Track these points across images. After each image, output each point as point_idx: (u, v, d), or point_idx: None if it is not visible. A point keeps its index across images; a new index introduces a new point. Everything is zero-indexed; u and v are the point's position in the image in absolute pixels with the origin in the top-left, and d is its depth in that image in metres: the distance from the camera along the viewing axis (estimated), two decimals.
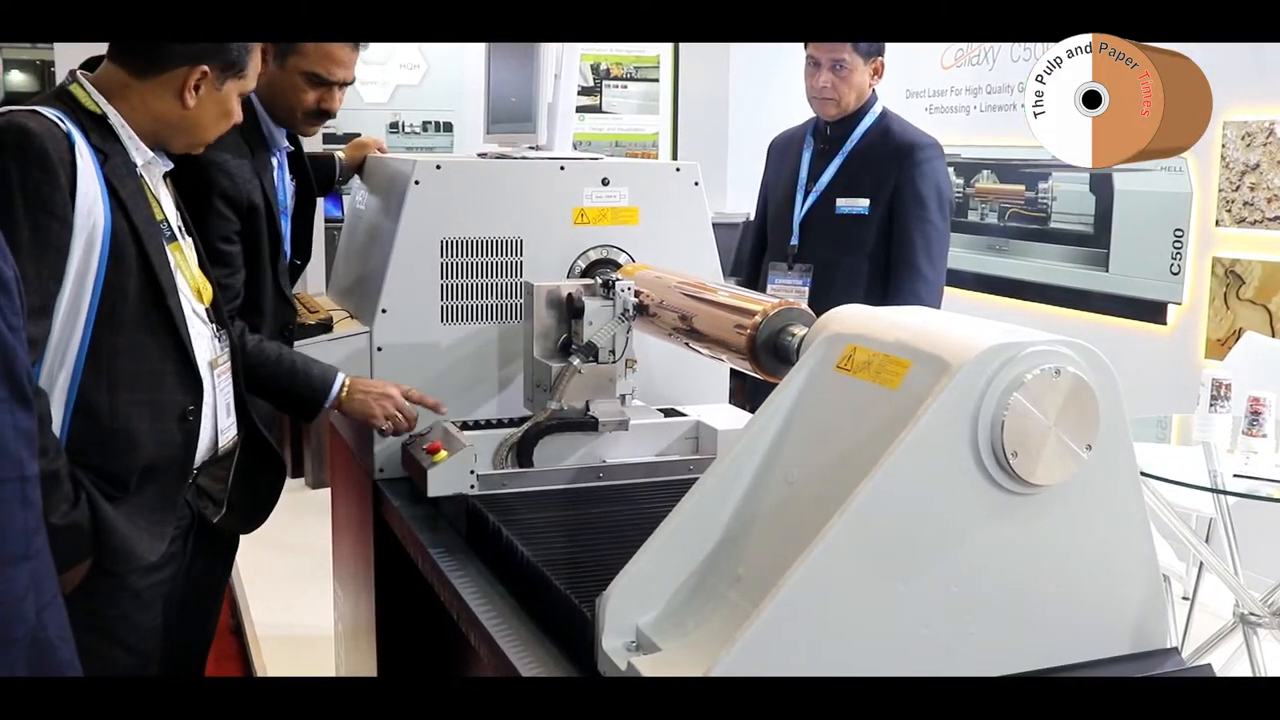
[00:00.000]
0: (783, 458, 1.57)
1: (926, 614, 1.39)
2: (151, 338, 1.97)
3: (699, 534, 1.57)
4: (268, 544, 2.91)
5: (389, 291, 2.56)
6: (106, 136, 1.95)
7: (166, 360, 2.00)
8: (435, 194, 2.57)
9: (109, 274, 1.89)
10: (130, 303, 1.92)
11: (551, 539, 2.01)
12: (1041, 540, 1.44)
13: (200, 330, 2.08)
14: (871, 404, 1.47)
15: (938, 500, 1.39)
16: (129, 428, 1.96)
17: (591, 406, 2.40)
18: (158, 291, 1.96)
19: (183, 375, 2.03)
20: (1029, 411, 1.39)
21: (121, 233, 1.90)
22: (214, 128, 2.06)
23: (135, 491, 1.98)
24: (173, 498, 2.06)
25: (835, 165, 3.49)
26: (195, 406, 2.05)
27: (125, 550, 1.97)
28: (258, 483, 2.32)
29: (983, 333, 1.44)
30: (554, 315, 2.43)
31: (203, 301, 2.11)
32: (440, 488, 2.27)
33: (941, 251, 3.44)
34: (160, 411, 2.00)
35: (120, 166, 1.94)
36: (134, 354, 1.95)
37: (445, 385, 2.59)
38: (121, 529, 1.95)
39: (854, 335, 1.57)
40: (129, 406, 1.95)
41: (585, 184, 2.68)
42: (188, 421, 2.04)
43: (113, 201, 1.89)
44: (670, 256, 2.66)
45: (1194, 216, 4.64)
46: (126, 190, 1.93)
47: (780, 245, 3.57)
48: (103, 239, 1.87)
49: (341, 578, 3.27)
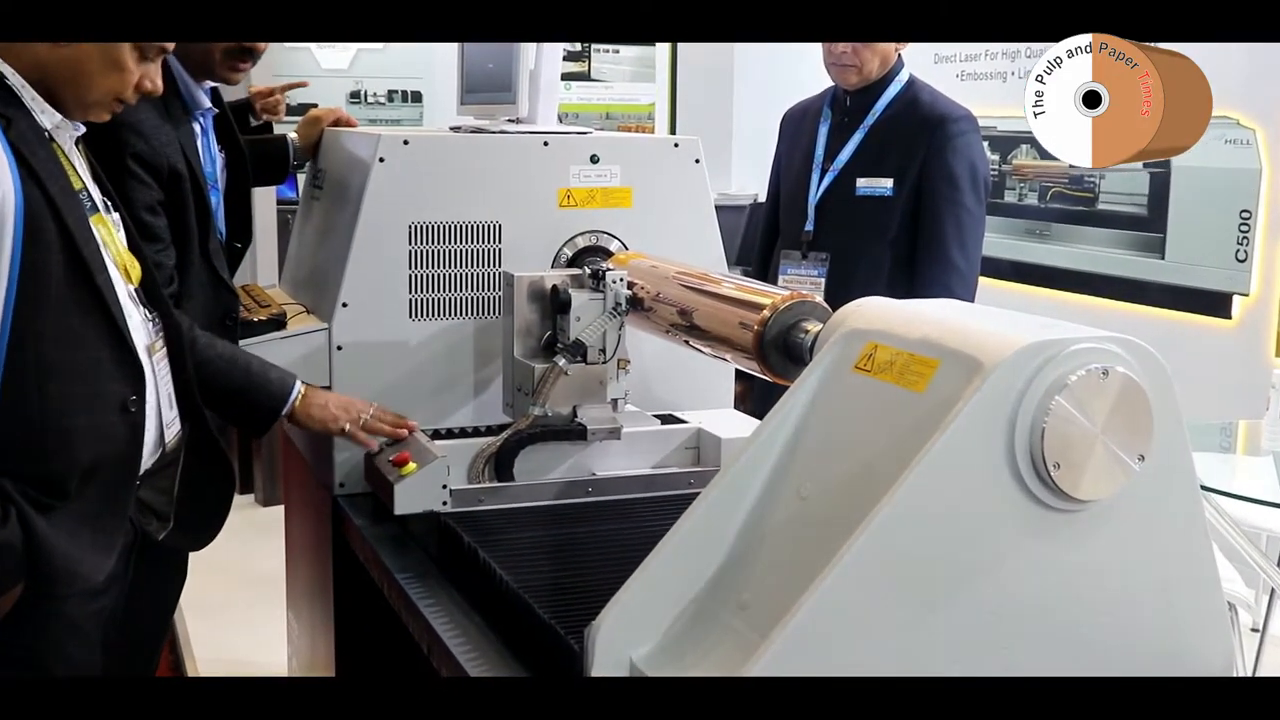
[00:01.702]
0: (794, 470, 1.57)
1: (956, 647, 1.40)
2: (81, 321, 1.95)
3: (700, 556, 1.57)
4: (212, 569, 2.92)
5: (350, 283, 2.56)
6: (7, 100, 1.92)
7: (101, 346, 1.97)
8: (402, 173, 2.57)
9: (26, 253, 1.86)
10: (54, 284, 1.90)
11: (534, 562, 2.01)
12: (1088, 564, 1.45)
13: (131, 312, 2.07)
14: (894, 409, 1.48)
15: (969, 518, 1.39)
16: (63, 424, 1.94)
17: (579, 413, 2.40)
18: (84, 269, 1.93)
19: (120, 362, 2.00)
20: (1073, 417, 1.39)
21: (37, 205, 1.87)
22: (101, 78, 1.98)
23: (76, 497, 1.94)
24: (120, 504, 2.02)
25: (855, 141, 3.49)
26: (138, 396, 2.03)
27: (66, 571, 1.93)
28: (205, 492, 2.30)
29: (1020, 328, 1.45)
30: (537, 310, 2.44)
31: (131, 281, 2.09)
32: (409, 504, 2.27)
33: (976, 238, 3.44)
34: (98, 404, 1.97)
35: (27, 132, 1.92)
36: (63, 341, 1.93)
37: (414, 389, 2.60)
38: (61, 545, 1.92)
39: (874, 331, 1.58)
40: (62, 400, 1.93)
41: (572, 162, 2.68)
42: (130, 413, 2.02)
43: (22, 171, 1.87)
44: (668, 243, 2.66)
45: (1263, 195, 4.64)
46: (38, 158, 1.90)
47: (793, 231, 3.58)
48: (15, 214, 1.84)
49: (296, 607, 3.27)
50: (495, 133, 2.71)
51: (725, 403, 2.85)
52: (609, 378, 2.40)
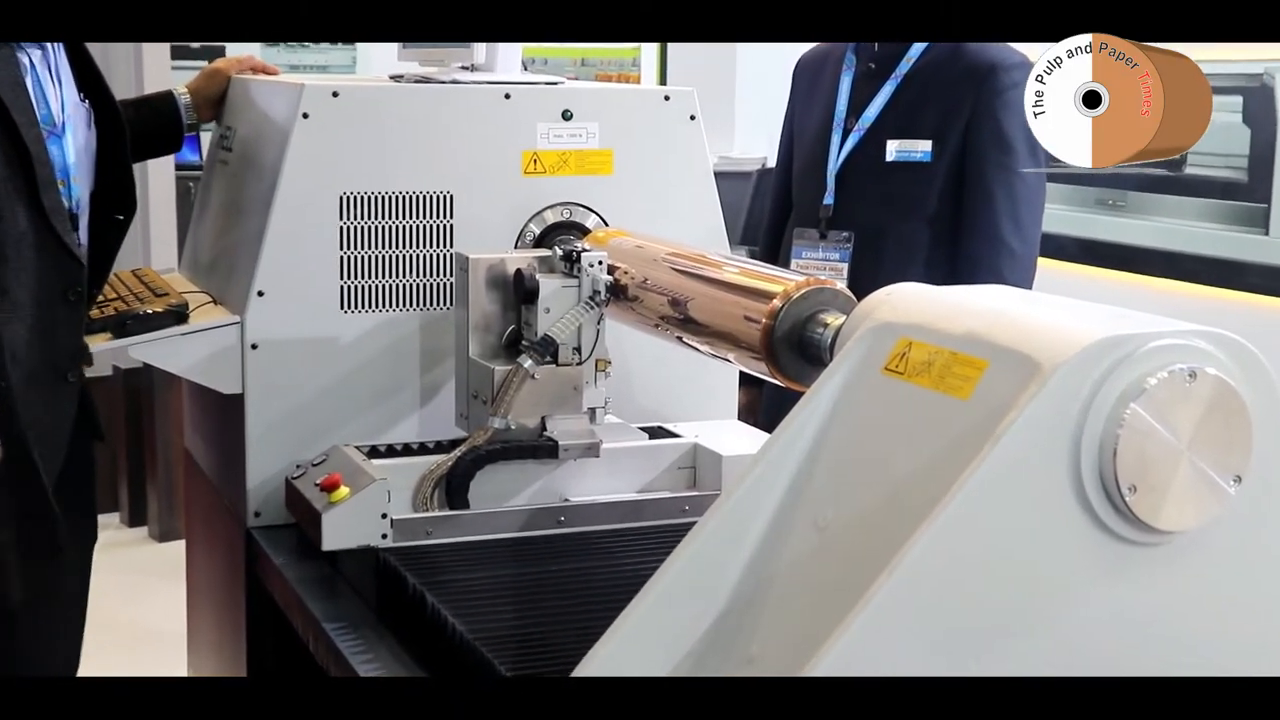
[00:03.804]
0: (810, 495, 1.57)
1: None
2: None
3: (697, 601, 1.57)
4: (94, 622, 2.91)
5: (267, 267, 2.56)
6: None
7: None
8: (331, 132, 2.57)
9: None
10: None
11: (494, 608, 2.01)
12: (1170, 610, 1.45)
13: None
14: (932, 420, 1.48)
15: (1025, 554, 1.39)
16: None
17: (549, 425, 2.40)
18: None
19: None
20: (1153, 430, 1.39)
21: None
22: None
23: None
24: None
25: (886, 94, 3.48)
26: None
27: None
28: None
29: (1087, 320, 1.45)
30: (497, 299, 2.44)
31: None
32: (340, 538, 2.27)
33: (1033, 213, 3.44)
34: None
35: None
36: None
37: (347, 396, 2.60)
38: None
39: (908, 325, 1.58)
40: None
41: (539, 118, 2.68)
42: None
43: None
44: (657, 218, 2.67)
45: None
46: None
47: (809, 205, 3.56)
48: None
49: (200, 663, 3.26)
50: (445, 83, 2.71)
51: (727, 413, 2.85)
52: (585, 382, 2.41)
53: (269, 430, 2.59)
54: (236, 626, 2.72)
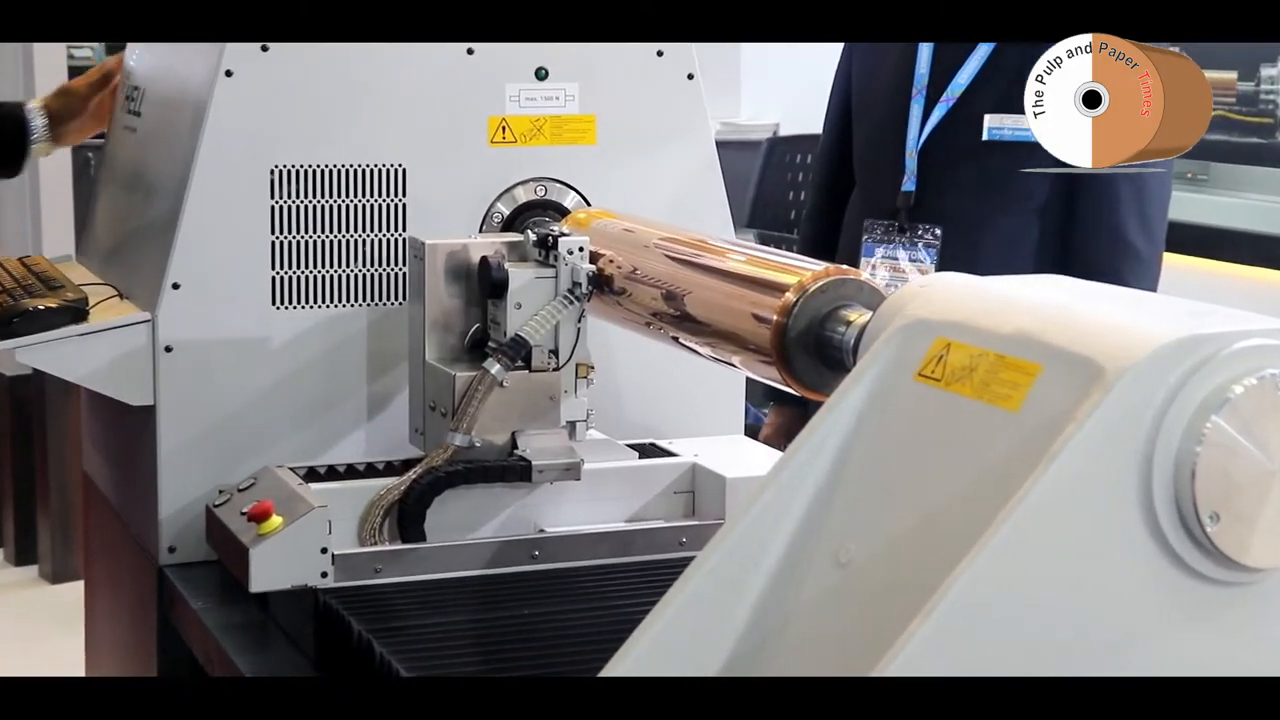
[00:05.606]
0: (831, 525, 1.58)
1: None
2: None
3: (696, 650, 1.58)
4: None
5: (183, 255, 2.57)
6: None
7: None
8: (259, 94, 2.58)
9: None
10: None
11: (455, 659, 2.02)
12: (1260, 659, 1.45)
13: None
14: (975, 435, 1.49)
15: (1085, 593, 1.40)
16: None
17: (521, 442, 2.41)
18: None
19: None
20: (1239, 447, 1.40)
21: None
22: None
23: None
24: None
25: (981, 56, 3.40)
26: None
27: None
28: None
29: (1160, 317, 1.46)
30: (458, 293, 2.45)
31: None
32: (271, 577, 2.27)
33: (1161, 210, 3.38)
34: None
35: None
36: None
37: (280, 407, 2.60)
38: None
39: (947, 323, 1.59)
40: None
41: (509, 78, 2.69)
42: None
43: None
44: (648, 196, 2.68)
45: None
46: None
47: (882, 192, 3.47)
48: None
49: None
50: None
51: (732, 428, 2.85)
52: (564, 391, 2.41)
53: (185, 449, 2.59)
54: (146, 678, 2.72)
